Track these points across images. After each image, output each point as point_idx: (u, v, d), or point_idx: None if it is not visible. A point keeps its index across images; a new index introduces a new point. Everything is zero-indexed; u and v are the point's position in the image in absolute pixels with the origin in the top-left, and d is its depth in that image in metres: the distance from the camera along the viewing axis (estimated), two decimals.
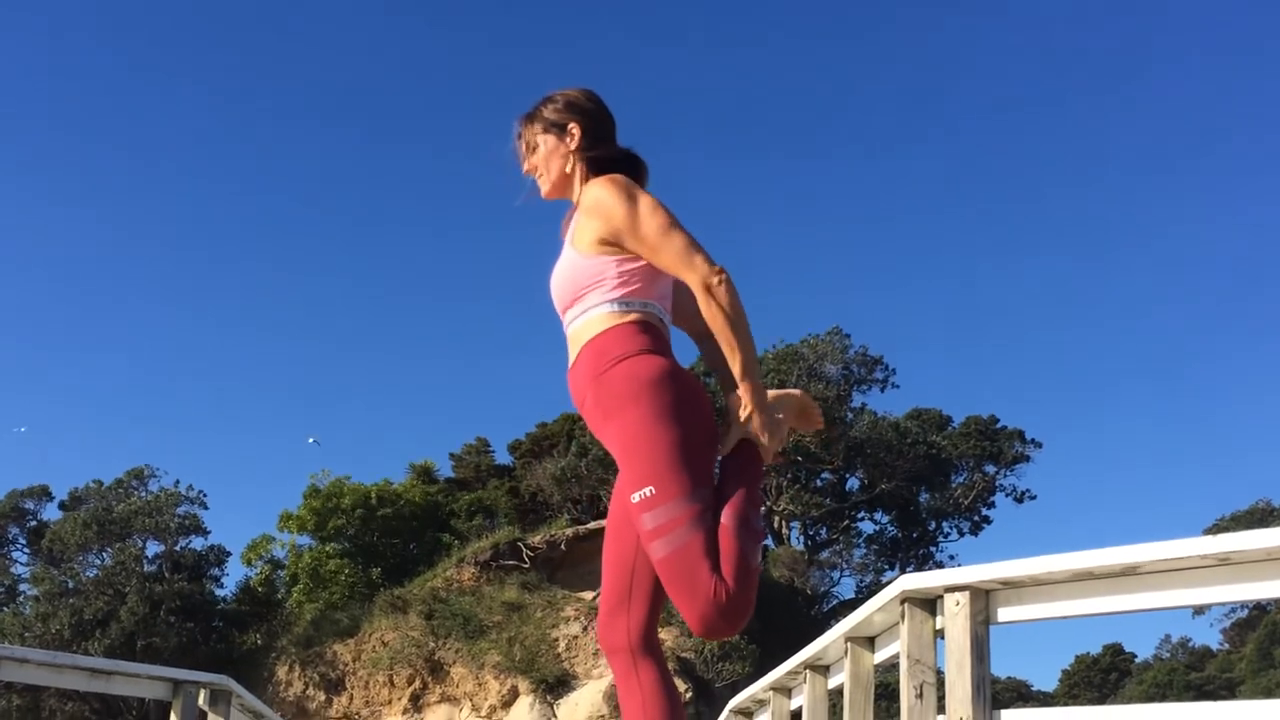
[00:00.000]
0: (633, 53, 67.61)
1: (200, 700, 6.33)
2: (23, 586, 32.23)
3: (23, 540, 34.03)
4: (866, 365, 32.48)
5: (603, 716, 23.23)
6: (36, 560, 31.55)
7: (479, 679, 25.04)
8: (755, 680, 7.91)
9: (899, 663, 3.99)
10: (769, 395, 2.73)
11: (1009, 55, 68.66)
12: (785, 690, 6.98)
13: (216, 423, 55.84)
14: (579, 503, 29.74)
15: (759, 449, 2.70)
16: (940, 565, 31.69)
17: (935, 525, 34.06)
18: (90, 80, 61.03)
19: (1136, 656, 52.06)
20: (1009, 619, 3.53)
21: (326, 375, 58.16)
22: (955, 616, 3.55)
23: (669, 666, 2.78)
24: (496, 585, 26.80)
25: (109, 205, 58.70)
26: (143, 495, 30.05)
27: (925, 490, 33.21)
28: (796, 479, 31.19)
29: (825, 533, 33.50)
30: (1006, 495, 34.03)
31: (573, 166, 2.86)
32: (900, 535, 34.07)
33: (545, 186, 2.91)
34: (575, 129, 2.85)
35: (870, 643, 4.97)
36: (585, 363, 2.70)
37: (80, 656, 9.15)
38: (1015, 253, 65.96)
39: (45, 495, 33.78)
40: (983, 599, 3.55)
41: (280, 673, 26.53)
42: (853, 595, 32.06)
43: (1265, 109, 65.81)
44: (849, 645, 5.04)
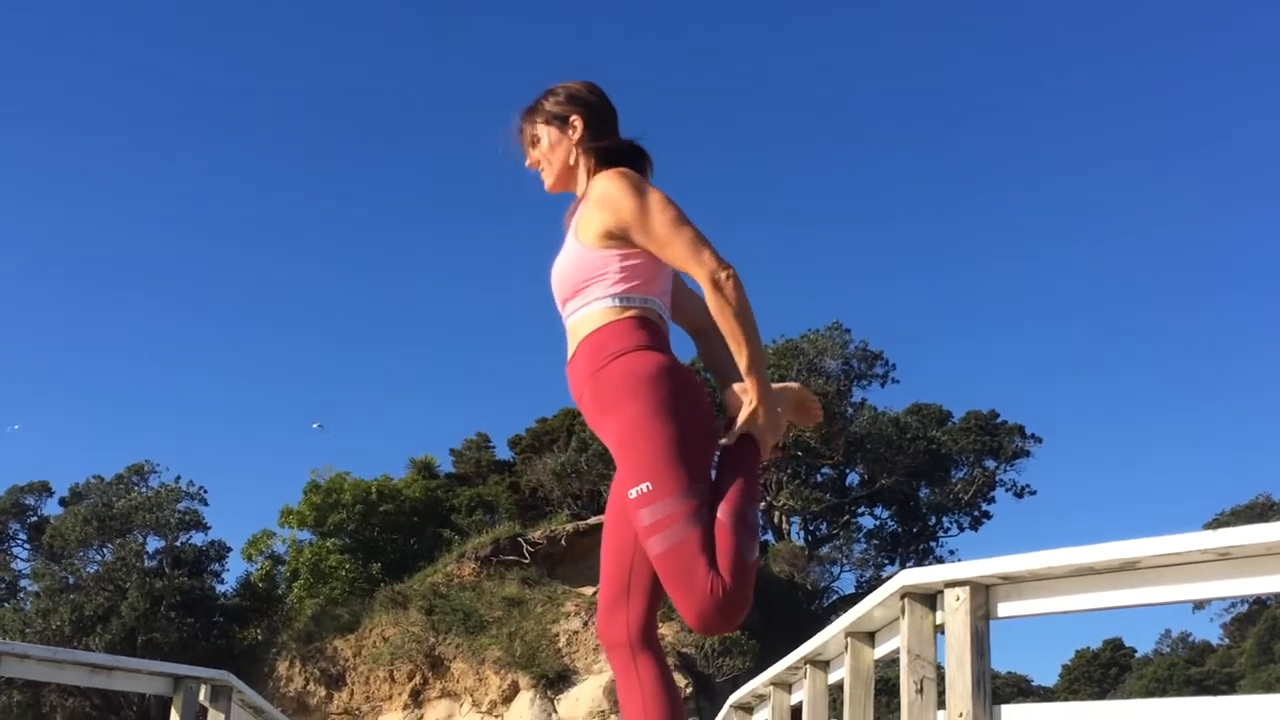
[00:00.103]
0: (632, 48, 67.63)
1: (201, 696, 6.33)
2: (23, 582, 32.28)
3: (23, 536, 34.06)
4: (867, 360, 32.50)
5: (603, 712, 23.24)
6: (37, 556, 31.56)
7: (479, 674, 25.06)
8: (756, 675, 7.90)
9: (899, 658, 3.99)
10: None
11: (1009, 53, 68.62)
12: (786, 685, 6.98)
13: (217, 419, 55.95)
14: (579, 498, 29.74)
15: (758, 444, 2.69)
16: (940, 560, 31.69)
17: (935, 520, 34.08)
18: (89, 76, 60.98)
19: (1136, 651, 52.21)
20: (1009, 614, 3.53)
21: (327, 371, 58.23)
22: (955, 611, 3.54)
23: (669, 662, 2.77)
24: (497, 581, 26.80)
25: (109, 201, 58.73)
26: (143, 491, 30.06)
27: (925, 485, 33.22)
28: (797, 474, 31.19)
29: (825, 528, 33.53)
30: (1006, 490, 34.10)
31: (576, 159, 2.84)
32: (900, 530, 34.09)
33: (549, 180, 2.89)
34: (578, 121, 2.84)
35: (870, 638, 4.97)
36: (583, 357, 2.69)
37: (81, 652, 9.16)
38: (1016, 247, 66.00)
39: (46, 491, 33.81)
40: (983, 594, 3.55)
41: (281, 668, 26.55)
42: (853, 590, 32.14)
43: (1270, 104, 65.75)
44: (849, 640, 5.05)
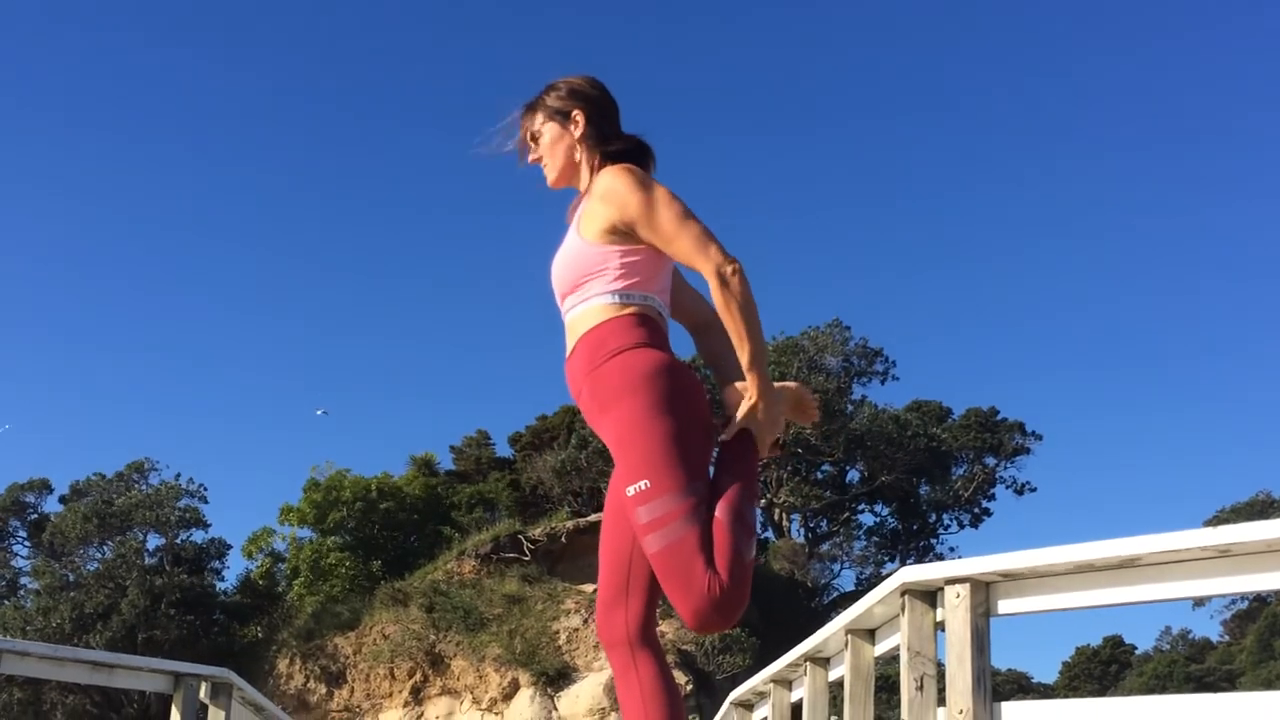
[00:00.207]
0: (632, 44, 67.57)
1: (201, 693, 6.35)
2: (24, 580, 32.30)
3: (23, 534, 34.04)
4: (867, 357, 32.50)
5: (603, 709, 23.25)
6: (37, 554, 31.56)
7: (479, 671, 25.07)
8: (755, 673, 7.91)
9: (899, 655, 3.99)
10: None
11: (1008, 50, 68.58)
12: (786, 682, 6.99)
13: (217, 416, 55.84)
14: (579, 495, 29.75)
15: (756, 441, 2.69)
16: (940, 557, 31.67)
17: (935, 517, 34.10)
18: (87, 74, 60.94)
19: (1137, 648, 52.18)
20: (1009, 611, 3.53)
21: (327, 369, 58.18)
22: (955, 608, 3.54)
23: (668, 659, 2.77)
24: (497, 578, 26.81)
25: (109, 197, 58.69)
26: (143, 488, 30.08)
27: (925, 482, 33.23)
28: (797, 471, 31.21)
29: (825, 525, 33.55)
30: (1007, 487, 34.10)
31: (579, 155, 2.82)
32: (900, 527, 34.10)
33: (551, 175, 2.88)
34: (580, 116, 2.82)
35: (870, 635, 4.98)
36: (582, 354, 2.68)
37: (81, 650, 9.16)
38: (1017, 244, 65.95)
39: (46, 488, 33.78)
40: (983, 591, 3.54)
41: (281, 666, 26.57)
42: (853, 588, 32.17)
43: (1272, 98, 65.72)
44: (849, 637, 5.05)
